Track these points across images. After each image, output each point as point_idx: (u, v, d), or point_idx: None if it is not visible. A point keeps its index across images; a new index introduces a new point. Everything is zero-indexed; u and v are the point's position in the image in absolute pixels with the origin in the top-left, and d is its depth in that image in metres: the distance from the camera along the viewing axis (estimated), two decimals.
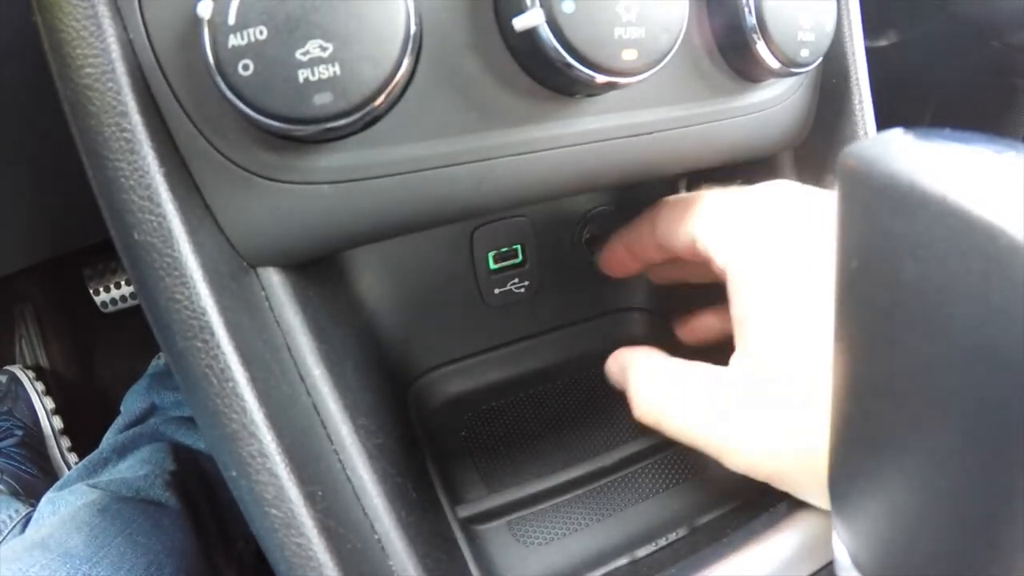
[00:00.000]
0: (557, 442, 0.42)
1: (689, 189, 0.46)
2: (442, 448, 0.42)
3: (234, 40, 0.21)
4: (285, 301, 0.29)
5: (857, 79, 0.37)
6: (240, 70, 0.21)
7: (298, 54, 0.22)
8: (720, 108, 0.33)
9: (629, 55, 0.25)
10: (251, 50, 0.21)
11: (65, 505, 0.62)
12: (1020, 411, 0.13)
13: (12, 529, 0.72)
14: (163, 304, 0.23)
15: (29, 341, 1.08)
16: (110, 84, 0.23)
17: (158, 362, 0.97)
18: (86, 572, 0.50)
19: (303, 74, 0.22)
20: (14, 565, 0.49)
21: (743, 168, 0.39)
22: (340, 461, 0.28)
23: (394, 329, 0.43)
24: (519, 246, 0.44)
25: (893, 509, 0.18)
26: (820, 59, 0.33)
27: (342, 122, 0.23)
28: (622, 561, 0.35)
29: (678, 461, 0.42)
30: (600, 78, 0.25)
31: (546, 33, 0.24)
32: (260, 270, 0.28)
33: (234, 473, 0.23)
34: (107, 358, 1.09)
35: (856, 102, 0.37)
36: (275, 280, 0.29)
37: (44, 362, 1.08)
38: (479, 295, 0.45)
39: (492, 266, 0.44)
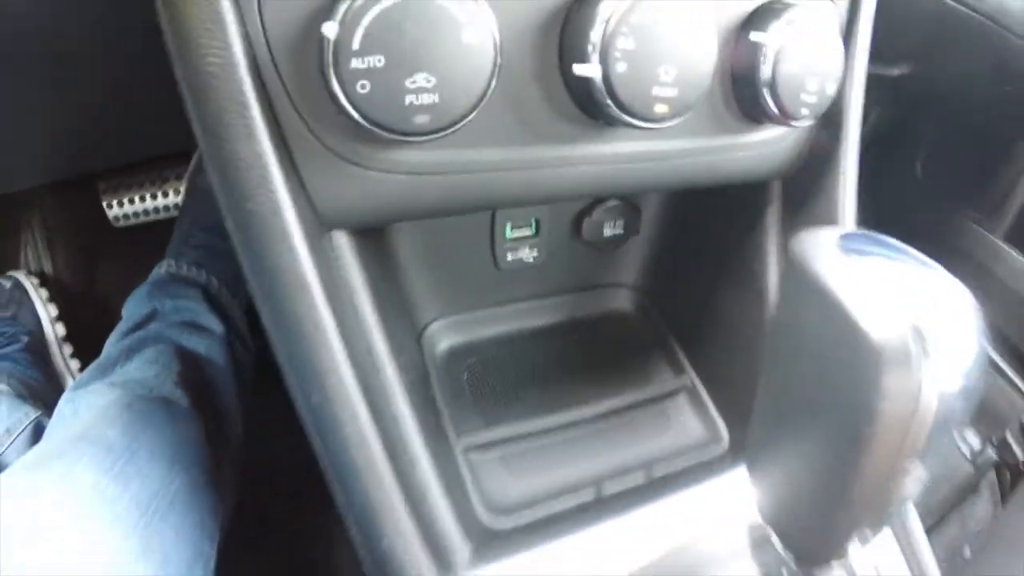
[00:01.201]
0: (546, 391, 0.49)
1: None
2: (448, 387, 0.48)
3: (356, 63, 0.26)
4: (349, 257, 0.35)
5: (847, 133, 0.42)
6: (358, 88, 0.26)
7: (407, 82, 0.26)
8: (726, 143, 0.38)
9: (661, 109, 0.30)
10: (369, 74, 0.26)
11: (87, 404, 0.65)
12: (857, 418, 0.20)
13: (23, 430, 0.76)
14: (269, 263, 0.29)
15: (35, 248, 1.09)
16: (234, 76, 0.27)
17: (159, 271, 0.97)
18: (127, 460, 0.55)
19: (409, 99, 0.27)
20: (66, 456, 0.54)
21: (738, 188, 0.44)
22: (386, 395, 0.34)
23: (417, 282, 0.48)
24: (535, 220, 0.50)
25: (782, 474, 0.26)
26: (817, 116, 0.38)
27: (433, 137, 0.28)
28: (590, 494, 0.42)
29: (648, 420, 0.49)
30: (636, 123, 0.31)
31: (599, 85, 0.29)
32: (333, 232, 0.33)
33: (316, 399, 0.29)
34: (111, 270, 1.09)
35: (842, 153, 0.42)
36: (343, 241, 0.34)
37: (49, 270, 1.08)
38: (493, 259, 0.51)
39: (508, 235, 0.50)
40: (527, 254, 0.51)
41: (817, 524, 0.24)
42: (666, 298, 0.55)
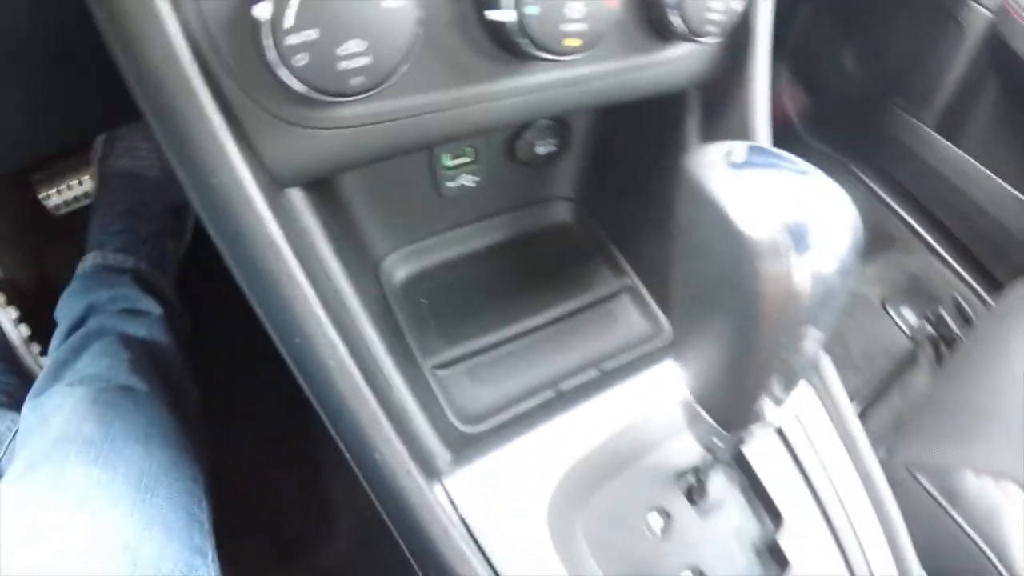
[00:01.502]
0: (500, 306, 0.54)
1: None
2: (409, 313, 0.54)
3: (292, 39, 0.29)
4: (305, 210, 0.39)
5: (757, 46, 0.46)
6: (296, 62, 0.30)
7: (339, 50, 0.30)
8: (640, 63, 0.42)
9: (573, 43, 0.35)
10: (305, 47, 0.29)
11: (53, 408, 0.67)
12: (745, 304, 0.26)
13: (12, 437, 0.78)
14: (238, 229, 0.33)
15: None
16: (178, 65, 0.30)
17: (85, 265, 0.95)
18: (108, 449, 0.59)
19: (344, 64, 0.30)
20: (52, 458, 0.57)
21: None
22: (356, 328, 0.39)
23: (367, 221, 0.52)
24: (472, 148, 0.54)
25: (698, 356, 0.32)
26: (726, 32, 0.42)
27: (370, 95, 0.32)
28: (549, 393, 0.49)
29: (596, 320, 0.55)
30: (550, 58, 0.35)
31: (514, 27, 0.33)
32: (287, 190, 0.37)
33: (298, 340, 0.34)
34: (60, 260, 1.04)
35: (753, 65, 0.47)
36: (298, 196, 0.38)
37: None
38: (435, 188, 0.55)
39: (447, 163, 0.54)
40: (467, 180, 0.55)
41: (732, 395, 0.31)
42: (603, 207, 0.60)
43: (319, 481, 0.95)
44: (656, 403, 0.43)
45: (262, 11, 0.29)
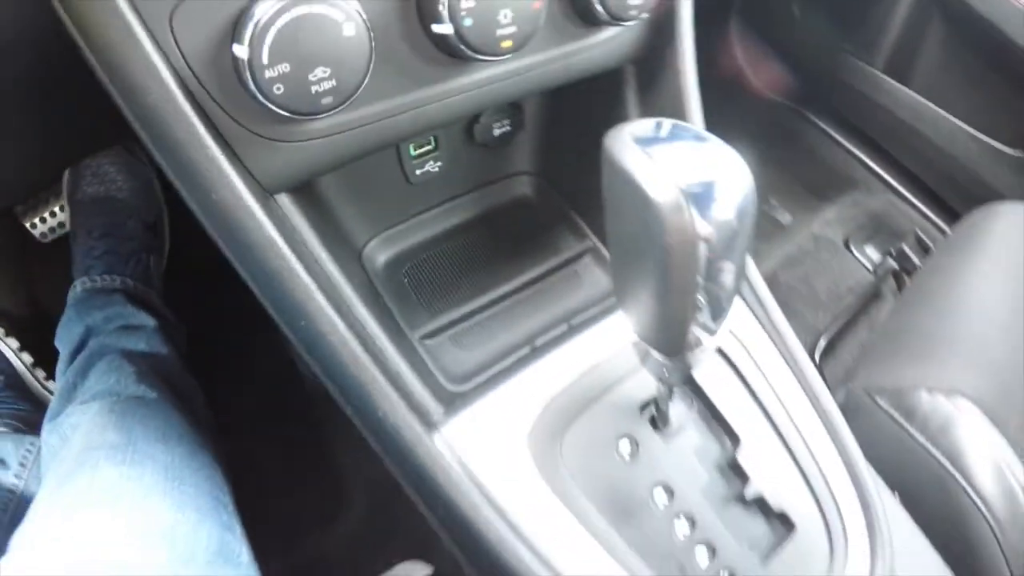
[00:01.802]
0: (475, 276, 0.62)
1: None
2: (393, 292, 0.61)
3: (269, 73, 0.36)
4: (293, 212, 0.46)
5: (681, 23, 0.53)
6: (275, 91, 0.36)
7: (310, 77, 0.37)
8: (573, 48, 0.50)
9: (506, 44, 0.42)
10: (281, 79, 0.36)
11: (71, 426, 0.73)
12: (660, 253, 0.33)
13: (34, 457, 0.84)
14: (241, 236, 0.40)
15: None
16: (175, 105, 0.37)
17: (75, 292, 1.03)
18: (133, 450, 0.65)
19: (314, 88, 0.37)
20: (84, 466, 0.63)
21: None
22: (349, 308, 0.46)
23: (347, 214, 0.60)
24: (433, 136, 0.61)
25: (635, 299, 0.39)
26: (648, 13, 0.49)
27: (339, 110, 0.39)
28: (525, 350, 0.56)
29: (563, 281, 0.63)
30: (488, 59, 0.42)
31: (454, 38, 0.40)
32: (277, 196, 0.44)
33: (303, 323, 0.42)
34: (52, 288, 1.12)
35: (679, 40, 0.54)
36: (286, 201, 0.45)
37: None
38: (404, 176, 0.62)
39: (412, 153, 0.61)
40: (432, 165, 0.62)
41: (665, 328, 0.39)
42: (560, 178, 0.68)
43: (326, 464, 1.03)
44: (618, 345, 0.51)
45: (241, 51, 0.36)
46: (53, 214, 1.14)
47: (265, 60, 0.36)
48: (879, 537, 0.57)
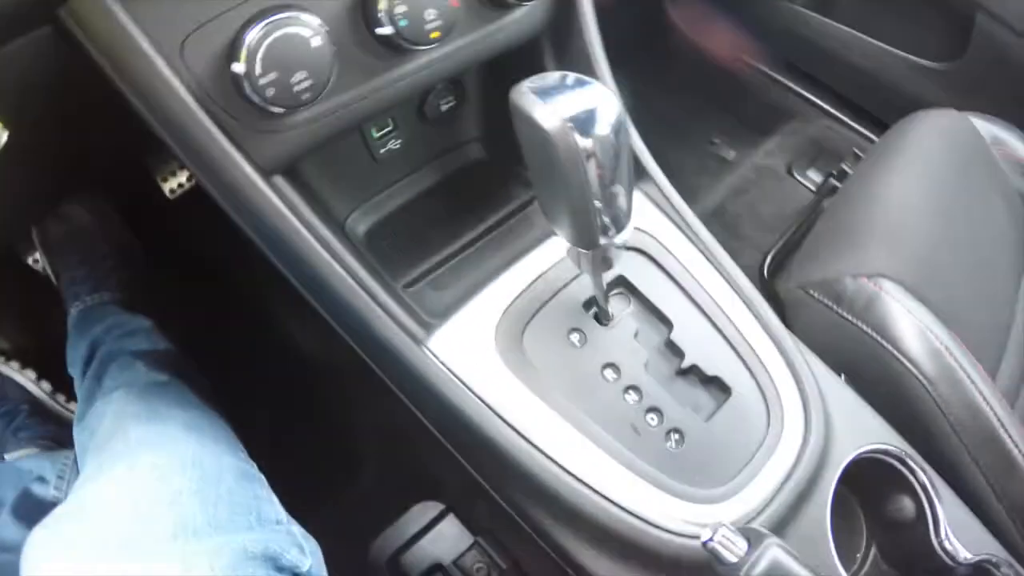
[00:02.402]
0: (444, 231, 0.79)
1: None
2: (376, 254, 0.78)
3: (262, 81, 0.53)
4: (288, 189, 0.63)
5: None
6: (267, 93, 0.53)
7: (292, 80, 0.54)
8: (491, 29, 0.66)
9: (435, 35, 0.59)
10: (272, 83, 0.53)
11: (96, 418, 0.84)
12: (559, 168, 0.50)
13: (71, 468, 0.98)
14: (253, 208, 0.57)
15: None
16: (193, 116, 0.54)
17: (72, 318, 1.18)
18: (155, 416, 0.78)
19: (296, 88, 0.54)
20: (115, 433, 0.76)
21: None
22: (346, 262, 0.63)
23: (327, 192, 0.77)
24: (391, 119, 0.78)
25: (552, 210, 0.56)
26: None
27: (316, 102, 0.56)
28: (494, 281, 0.73)
29: (518, 225, 0.80)
30: (424, 48, 0.59)
31: (394, 36, 0.57)
32: (274, 176, 0.61)
33: (311, 273, 0.59)
34: (54, 315, 1.25)
35: (580, 9, 0.71)
36: (281, 180, 0.62)
37: (3, 345, 1.29)
38: (371, 156, 0.79)
39: (375, 135, 0.78)
40: (393, 144, 0.79)
41: (579, 226, 0.55)
42: (504, 139, 0.84)
43: (334, 435, 1.20)
44: (558, 258, 0.69)
45: (238, 67, 0.53)
46: (174, 173, 1.33)
47: (258, 72, 0.53)
48: (811, 401, 0.73)
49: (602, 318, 0.68)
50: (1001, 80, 1.31)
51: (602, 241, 0.56)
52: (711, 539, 0.55)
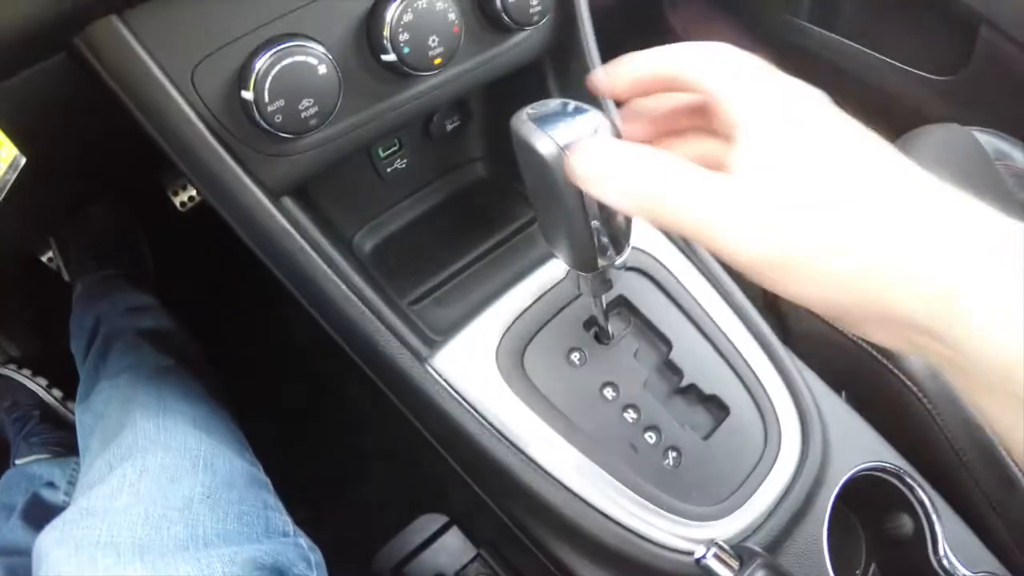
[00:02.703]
0: (448, 249, 0.80)
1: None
2: (382, 273, 0.79)
3: (271, 108, 0.54)
4: (296, 210, 0.64)
5: (579, 11, 0.72)
6: (276, 120, 0.55)
7: (299, 107, 0.55)
8: (493, 53, 0.68)
9: (438, 61, 0.60)
10: (279, 110, 0.54)
11: (103, 402, 0.87)
12: (557, 194, 0.51)
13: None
14: (262, 228, 0.58)
15: None
16: (204, 141, 0.56)
17: (77, 291, 1.21)
18: (163, 409, 0.78)
19: (303, 114, 0.55)
20: (124, 424, 0.77)
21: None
22: (352, 282, 0.64)
23: (334, 212, 0.78)
24: (396, 139, 0.80)
25: (552, 235, 0.57)
26: (548, 16, 0.68)
27: (321, 128, 0.57)
28: (497, 300, 0.74)
29: (520, 243, 0.81)
30: (426, 74, 0.61)
31: (398, 63, 0.59)
32: (282, 198, 0.63)
33: (316, 292, 0.60)
34: (65, 323, 1.25)
35: (581, 31, 0.73)
36: (289, 201, 0.64)
37: (15, 352, 1.33)
38: (377, 175, 0.81)
39: (381, 155, 0.80)
40: (399, 163, 0.81)
41: (577, 249, 0.55)
42: (507, 159, 0.86)
43: (341, 441, 1.21)
44: (558, 278, 0.70)
45: (248, 95, 0.55)
46: (184, 187, 1.36)
47: (267, 99, 0.54)
48: (808, 419, 0.74)
49: (602, 338, 0.69)
50: (1005, 93, 1.31)
51: (601, 263, 0.57)
52: (704, 556, 0.56)
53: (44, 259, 1.32)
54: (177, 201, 1.34)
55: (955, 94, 1.37)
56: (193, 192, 1.36)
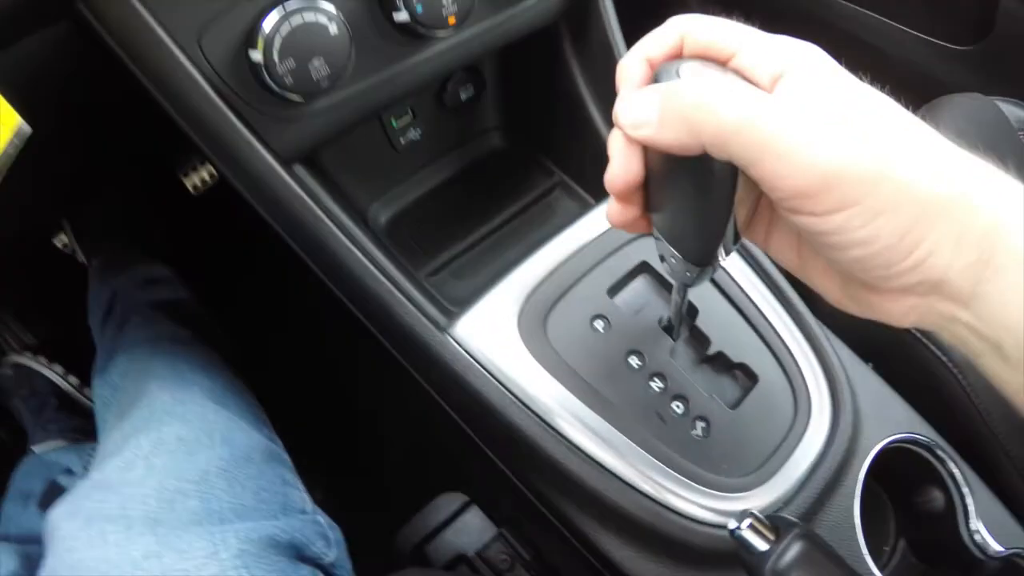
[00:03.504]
0: (465, 220, 0.79)
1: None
2: (399, 245, 0.78)
3: (281, 68, 0.52)
4: (308, 178, 0.63)
5: None
6: (285, 80, 0.53)
7: (310, 66, 0.53)
8: (507, 15, 0.66)
9: (452, 20, 0.58)
10: (289, 72, 0.53)
11: (119, 375, 0.86)
12: (707, 186, 0.43)
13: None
14: (273, 195, 0.57)
15: (8, 329, 1.31)
16: (213, 105, 0.54)
17: (93, 267, 1.20)
18: (179, 381, 0.77)
19: (314, 74, 0.54)
20: (140, 395, 0.76)
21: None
22: (369, 252, 0.63)
23: (349, 183, 0.77)
24: (409, 108, 0.78)
25: (673, 221, 0.49)
26: None
27: (333, 89, 0.55)
28: (516, 268, 0.72)
29: (539, 213, 0.79)
30: (441, 34, 0.59)
31: (410, 23, 0.57)
32: (294, 165, 0.61)
33: (330, 260, 0.58)
34: (81, 310, 1.23)
35: None
36: (301, 169, 0.62)
37: (31, 340, 1.32)
38: (391, 146, 0.79)
39: (395, 125, 0.78)
40: (413, 134, 0.79)
41: (704, 247, 0.48)
42: (523, 127, 0.84)
43: (362, 418, 1.20)
44: (580, 245, 0.68)
45: (256, 55, 0.53)
46: (195, 168, 1.31)
47: (276, 59, 0.52)
48: (839, 389, 0.72)
49: (672, 335, 0.66)
50: None
51: (720, 255, 0.52)
52: (738, 528, 0.54)
53: (59, 244, 1.31)
54: (189, 184, 1.32)
55: (978, 64, 1.33)
56: (205, 174, 1.34)
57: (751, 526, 0.54)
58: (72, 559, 0.56)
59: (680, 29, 0.41)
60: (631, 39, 0.73)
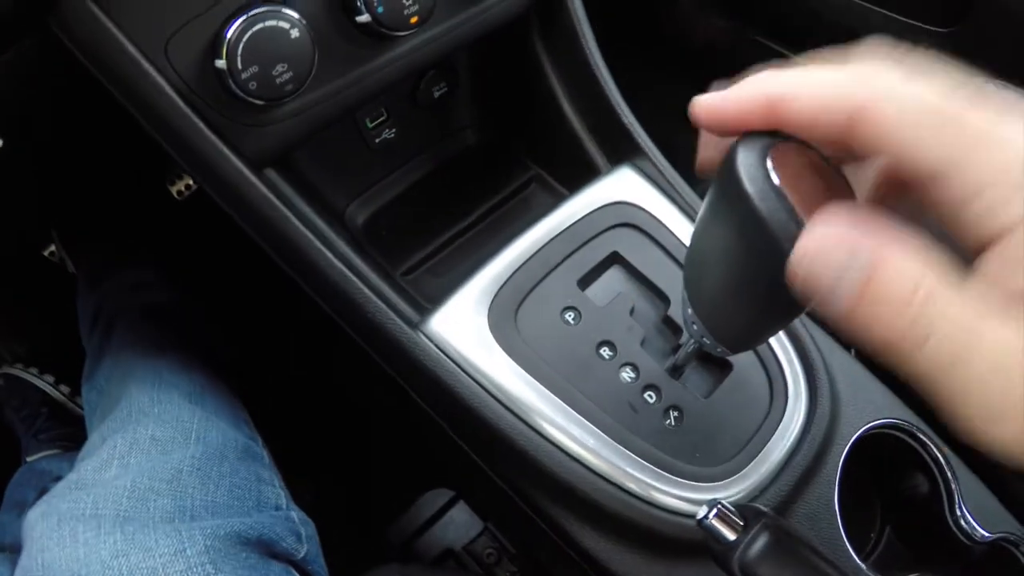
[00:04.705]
0: (442, 217, 0.81)
1: None
2: (375, 244, 0.80)
3: (244, 75, 0.55)
4: (281, 182, 0.65)
5: None
6: (250, 87, 0.56)
7: (274, 72, 0.56)
8: (473, 11, 0.68)
9: (414, 20, 0.61)
10: (253, 77, 0.55)
11: (104, 379, 0.90)
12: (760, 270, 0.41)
13: None
14: (244, 199, 0.59)
15: None
16: (181, 112, 0.57)
17: (82, 273, 1.25)
18: (159, 382, 0.79)
19: (278, 80, 0.56)
20: (121, 396, 0.80)
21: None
22: (342, 254, 0.65)
23: (325, 184, 0.79)
24: (383, 108, 0.80)
25: (717, 307, 0.47)
26: None
27: (298, 94, 0.58)
28: (488, 263, 0.75)
29: (516, 207, 0.82)
30: (403, 34, 0.61)
31: (372, 24, 0.59)
32: (264, 169, 0.64)
33: (302, 265, 0.61)
34: (68, 315, 1.26)
35: None
36: (273, 173, 0.65)
37: (22, 350, 1.36)
38: (366, 146, 0.81)
39: (369, 125, 0.81)
40: (388, 133, 0.82)
41: (745, 334, 0.49)
42: (497, 123, 0.87)
43: (348, 415, 1.23)
44: (549, 237, 0.70)
45: (221, 63, 0.55)
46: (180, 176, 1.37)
47: (240, 66, 0.55)
48: (816, 375, 0.74)
49: (676, 375, 0.68)
50: (1008, 43, 1.29)
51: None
52: (706, 517, 0.56)
53: (47, 254, 1.34)
54: (174, 190, 1.36)
55: (957, 46, 1.35)
56: (189, 180, 1.37)
57: (719, 515, 0.56)
58: (44, 559, 0.59)
59: (767, 90, 0.31)
60: (600, 33, 0.77)
